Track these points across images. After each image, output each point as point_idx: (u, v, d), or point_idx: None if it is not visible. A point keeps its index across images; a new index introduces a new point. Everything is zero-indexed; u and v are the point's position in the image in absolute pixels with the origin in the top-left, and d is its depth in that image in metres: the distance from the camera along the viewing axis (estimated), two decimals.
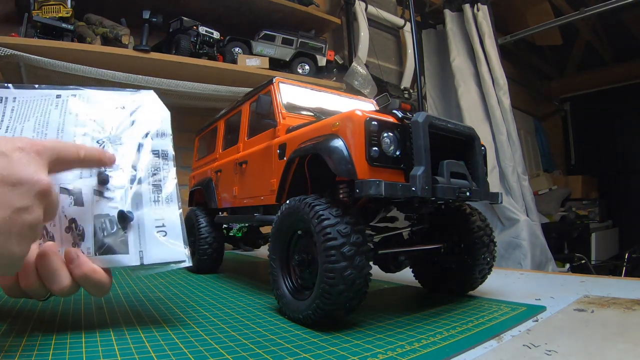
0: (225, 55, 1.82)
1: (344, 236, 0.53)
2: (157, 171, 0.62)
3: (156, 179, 0.61)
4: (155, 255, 0.56)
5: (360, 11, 2.43)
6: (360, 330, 0.56)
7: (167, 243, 0.57)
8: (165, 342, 0.51)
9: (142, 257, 0.56)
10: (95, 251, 0.54)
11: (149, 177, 0.61)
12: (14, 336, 0.50)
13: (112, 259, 0.55)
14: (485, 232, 0.74)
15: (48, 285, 0.51)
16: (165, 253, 0.57)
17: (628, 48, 3.54)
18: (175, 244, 0.57)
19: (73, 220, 0.55)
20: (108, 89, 0.67)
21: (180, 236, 0.58)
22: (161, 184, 0.61)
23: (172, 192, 0.61)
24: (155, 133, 0.65)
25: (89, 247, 0.54)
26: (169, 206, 0.60)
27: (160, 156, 0.63)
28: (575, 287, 0.84)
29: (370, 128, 0.56)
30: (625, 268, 2.99)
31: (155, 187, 0.61)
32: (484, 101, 2.25)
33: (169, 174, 0.62)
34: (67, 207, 0.55)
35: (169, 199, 0.61)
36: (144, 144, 0.63)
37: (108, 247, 0.55)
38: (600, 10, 2.44)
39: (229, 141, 1.06)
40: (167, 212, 0.59)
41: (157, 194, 0.60)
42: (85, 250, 0.54)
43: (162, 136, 0.65)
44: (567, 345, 0.48)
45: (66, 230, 0.55)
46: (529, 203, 2.22)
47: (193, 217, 1.10)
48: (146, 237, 0.57)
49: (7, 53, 1.27)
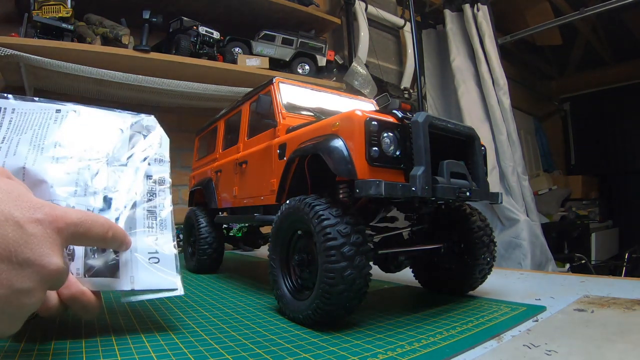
0: (225, 55, 1.81)
1: (344, 236, 0.53)
2: (153, 197, 0.61)
3: (151, 205, 0.60)
4: (146, 281, 0.55)
5: (360, 11, 2.43)
6: (360, 330, 0.56)
7: (159, 271, 0.56)
8: (165, 342, 0.51)
9: (133, 282, 0.54)
10: (84, 273, 0.52)
11: (144, 202, 0.60)
12: (12, 340, 0.50)
13: (102, 282, 0.53)
14: (485, 232, 0.74)
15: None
16: (156, 280, 0.55)
17: (628, 48, 3.54)
18: (167, 272, 0.56)
19: None
20: (109, 109, 0.66)
21: (173, 264, 0.57)
22: (156, 210, 0.60)
23: (167, 219, 0.60)
24: (153, 159, 0.64)
25: (79, 268, 0.52)
26: (162, 233, 0.59)
27: (157, 182, 0.63)
28: (575, 287, 0.84)
29: (370, 128, 0.56)
30: (625, 268, 2.99)
31: (150, 213, 0.60)
32: (484, 101, 2.25)
33: (164, 200, 0.61)
34: None
35: (163, 226, 0.60)
36: (140, 168, 0.62)
37: (98, 270, 0.53)
38: (600, 10, 2.44)
39: (229, 141, 1.06)
40: (160, 239, 0.58)
41: (152, 220, 0.60)
42: (74, 271, 0.52)
43: (161, 162, 0.65)
44: (567, 345, 0.48)
45: None
46: (529, 203, 2.22)
47: (193, 217, 1.10)
48: (138, 262, 0.55)
49: (7, 53, 1.27)
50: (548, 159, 4.21)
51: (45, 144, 0.58)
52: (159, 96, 1.69)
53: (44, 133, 0.59)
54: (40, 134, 0.58)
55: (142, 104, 1.82)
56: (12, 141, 0.56)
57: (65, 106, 0.62)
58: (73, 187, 0.57)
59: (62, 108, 0.62)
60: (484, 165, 0.72)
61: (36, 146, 0.57)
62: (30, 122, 0.59)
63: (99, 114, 0.65)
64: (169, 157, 0.65)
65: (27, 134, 0.58)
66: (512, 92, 2.23)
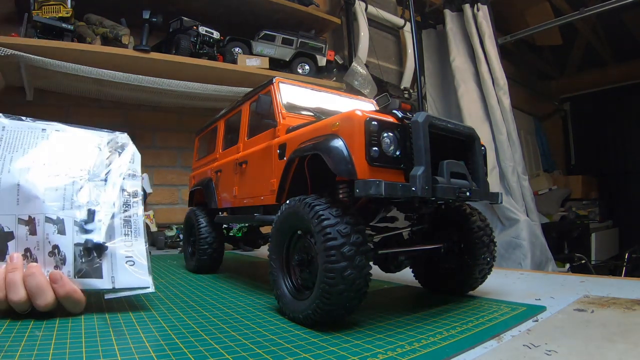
0: (225, 55, 1.81)
1: (344, 236, 0.53)
2: (128, 208, 0.71)
3: (127, 215, 0.70)
4: (124, 281, 0.65)
5: (360, 11, 2.43)
6: (360, 330, 0.56)
7: (134, 272, 0.66)
8: (165, 342, 0.51)
9: (114, 282, 0.64)
10: (74, 274, 0.62)
11: (121, 213, 0.69)
12: (14, 337, 0.50)
13: (89, 282, 0.63)
14: (485, 232, 0.74)
15: (33, 300, 0.58)
16: (132, 280, 0.66)
17: (628, 48, 3.54)
18: (141, 273, 0.66)
19: (56, 246, 0.63)
20: (87, 128, 0.75)
21: (145, 266, 0.67)
22: (131, 220, 0.70)
23: (139, 227, 0.70)
24: (127, 174, 0.73)
25: (69, 270, 0.62)
26: (137, 239, 0.69)
27: (131, 195, 0.72)
28: (575, 287, 0.84)
29: (370, 128, 0.56)
30: (625, 268, 2.98)
31: (125, 222, 0.69)
32: (484, 101, 2.25)
33: (138, 210, 0.71)
34: (51, 235, 0.63)
35: (137, 233, 0.70)
36: (117, 183, 0.72)
37: (85, 272, 0.63)
38: (600, 10, 2.44)
39: (229, 141, 1.06)
40: (135, 244, 0.68)
41: (128, 229, 0.69)
42: (65, 273, 0.61)
43: (133, 177, 0.74)
44: (567, 345, 0.48)
45: (49, 255, 0.63)
46: (529, 203, 2.22)
47: (193, 217, 1.10)
48: (117, 265, 0.65)
49: (7, 53, 1.27)
50: (548, 159, 4.21)
51: (35, 162, 0.66)
52: (159, 96, 1.69)
53: (33, 152, 0.67)
54: (30, 153, 0.67)
55: (142, 104, 1.83)
56: (5, 159, 0.65)
57: (49, 126, 0.71)
58: (61, 201, 0.65)
59: (47, 128, 0.71)
60: (484, 165, 0.72)
61: (27, 164, 0.65)
62: (20, 140, 0.68)
63: (79, 133, 0.74)
64: (141, 171, 0.76)
65: (18, 152, 0.66)
66: (512, 92, 2.23)
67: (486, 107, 2.24)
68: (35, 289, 0.58)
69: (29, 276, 0.58)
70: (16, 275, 0.58)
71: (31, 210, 0.63)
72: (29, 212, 0.63)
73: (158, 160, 1.95)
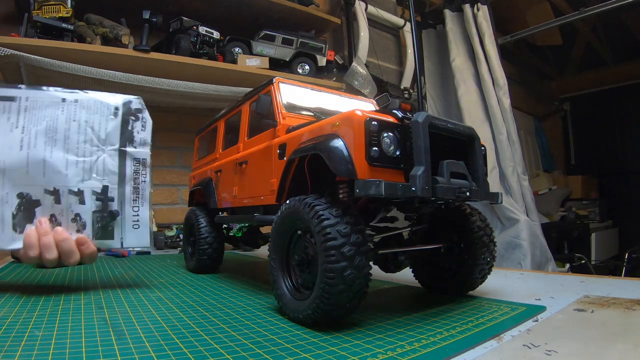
0: (225, 55, 1.82)
1: (344, 236, 0.53)
2: (137, 175, 0.80)
3: (136, 183, 0.80)
4: (131, 242, 0.79)
5: (360, 11, 2.43)
6: (360, 330, 0.56)
7: (139, 234, 0.80)
8: (165, 342, 0.51)
9: (123, 242, 0.79)
10: (93, 237, 0.77)
11: (131, 180, 0.79)
12: (14, 336, 0.50)
13: (104, 243, 0.78)
14: (485, 232, 0.74)
15: (65, 260, 0.72)
16: (137, 241, 0.80)
17: (628, 48, 3.54)
18: (145, 235, 0.80)
19: (77, 214, 0.76)
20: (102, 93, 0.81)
21: (147, 230, 0.80)
22: (139, 187, 0.80)
23: (146, 194, 0.80)
24: (139, 142, 0.81)
25: (89, 234, 0.76)
26: (143, 206, 0.80)
27: (141, 163, 0.80)
28: (575, 287, 0.84)
29: (370, 128, 0.56)
30: (625, 268, 2.99)
31: (134, 189, 0.79)
32: (484, 101, 2.25)
33: (146, 178, 0.80)
34: (73, 205, 0.75)
35: (143, 199, 0.80)
36: (128, 151, 0.80)
37: (102, 235, 0.77)
38: (600, 10, 2.44)
39: (228, 141, 1.05)
40: (141, 210, 0.80)
41: (136, 195, 0.80)
42: (87, 236, 0.76)
43: (144, 145, 0.81)
44: (567, 345, 0.48)
45: (72, 221, 0.76)
46: (529, 203, 2.22)
47: (193, 217, 1.10)
48: (126, 228, 0.79)
49: (7, 53, 1.27)
50: (548, 159, 4.21)
51: (57, 136, 0.74)
52: (159, 96, 1.69)
53: (55, 125, 0.74)
54: (52, 126, 0.74)
55: None
56: (30, 131, 0.72)
57: (69, 94, 0.77)
58: (81, 175, 0.76)
59: (67, 97, 0.77)
60: (484, 165, 0.71)
61: (50, 138, 0.74)
62: (43, 112, 0.74)
63: (94, 98, 0.79)
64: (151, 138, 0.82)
65: (41, 125, 0.73)
66: (512, 92, 2.23)
67: (486, 107, 2.24)
68: (67, 251, 0.72)
69: (63, 241, 0.72)
70: (50, 239, 0.71)
71: (56, 183, 0.74)
72: (54, 184, 0.74)
73: (158, 160, 1.94)
